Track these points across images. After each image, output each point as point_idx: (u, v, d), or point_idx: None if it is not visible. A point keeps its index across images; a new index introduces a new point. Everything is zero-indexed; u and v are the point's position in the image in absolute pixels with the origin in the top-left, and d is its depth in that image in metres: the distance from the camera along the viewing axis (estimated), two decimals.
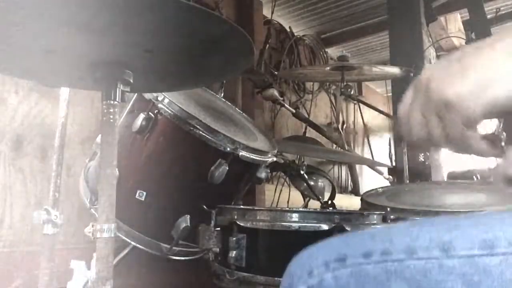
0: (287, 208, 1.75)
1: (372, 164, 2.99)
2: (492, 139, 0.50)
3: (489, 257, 0.42)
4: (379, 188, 1.48)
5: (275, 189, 2.63)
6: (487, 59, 0.46)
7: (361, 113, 3.98)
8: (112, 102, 0.82)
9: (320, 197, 1.78)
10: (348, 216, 1.03)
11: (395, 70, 2.18)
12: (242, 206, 1.26)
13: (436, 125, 0.47)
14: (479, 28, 2.61)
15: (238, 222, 1.06)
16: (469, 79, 0.45)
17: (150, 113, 1.20)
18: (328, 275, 0.50)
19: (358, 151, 4.07)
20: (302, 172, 1.69)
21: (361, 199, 1.35)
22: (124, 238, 1.23)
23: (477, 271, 0.41)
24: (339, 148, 3.24)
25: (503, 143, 0.50)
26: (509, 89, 0.44)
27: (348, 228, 0.98)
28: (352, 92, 2.20)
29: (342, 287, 0.49)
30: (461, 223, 0.47)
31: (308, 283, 0.51)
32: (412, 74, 2.09)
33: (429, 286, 0.43)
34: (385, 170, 2.42)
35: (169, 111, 1.18)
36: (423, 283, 0.44)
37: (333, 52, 3.75)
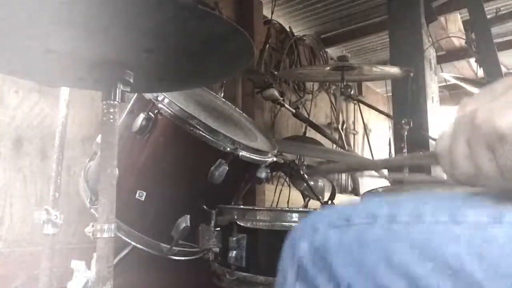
0: (287, 208, 1.75)
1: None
2: None
3: (497, 225, 0.42)
4: (379, 188, 1.47)
5: (275, 189, 2.63)
6: None
7: (361, 113, 3.97)
8: (112, 102, 0.82)
9: (320, 197, 1.78)
10: None
11: (395, 70, 2.18)
12: (242, 206, 1.26)
13: (487, 158, 0.43)
14: (479, 28, 2.61)
15: (238, 222, 1.07)
16: None
17: (150, 113, 1.20)
18: (333, 233, 0.50)
19: (358, 151, 4.07)
20: (302, 172, 1.69)
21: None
22: (124, 238, 1.23)
23: (483, 238, 0.41)
24: (339, 148, 3.23)
25: None
26: None
27: None
28: (352, 92, 2.20)
29: (346, 245, 0.49)
30: (471, 195, 0.47)
31: (312, 239, 0.51)
32: (412, 74, 2.09)
33: (433, 250, 0.43)
34: (385, 170, 2.42)
35: (169, 111, 1.18)
36: (427, 246, 0.44)
37: (333, 52, 3.75)
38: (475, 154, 0.44)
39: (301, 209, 1.40)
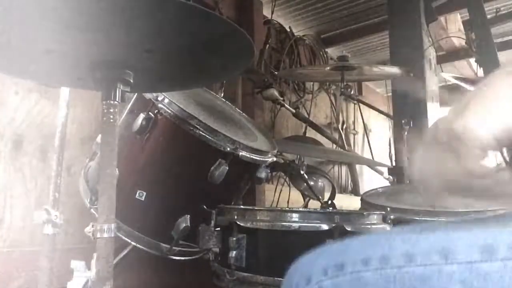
0: (287, 208, 1.75)
1: (372, 164, 2.99)
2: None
3: (489, 262, 0.41)
4: (379, 188, 1.48)
5: (275, 189, 2.63)
6: (488, 94, 0.46)
7: (361, 113, 3.97)
8: (112, 102, 0.82)
9: (320, 197, 1.78)
10: (348, 216, 1.03)
11: (395, 70, 2.18)
12: (242, 206, 1.26)
13: (452, 161, 0.46)
14: (479, 28, 2.61)
15: (238, 222, 1.06)
16: (471, 110, 0.45)
17: (150, 113, 1.20)
18: (327, 283, 0.50)
19: (358, 151, 4.07)
20: (302, 172, 1.69)
21: (361, 199, 1.35)
22: (124, 238, 1.22)
23: (477, 277, 0.41)
24: (339, 148, 3.24)
25: None
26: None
27: (348, 228, 0.98)
28: (352, 92, 2.20)
29: None
30: (460, 228, 0.47)
31: None
32: (412, 74, 2.09)
33: None
34: (385, 170, 2.43)
35: (169, 111, 1.18)
36: None
37: (333, 52, 3.75)
38: (441, 162, 0.47)
39: (301, 209, 1.40)
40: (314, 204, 1.84)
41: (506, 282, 0.40)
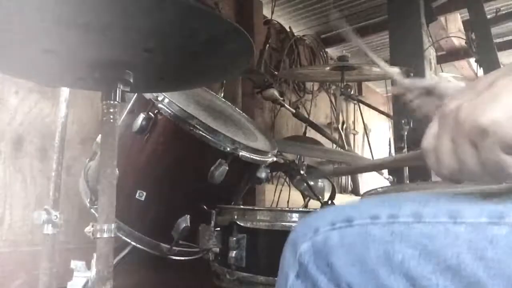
0: (287, 208, 1.75)
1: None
2: None
3: (497, 226, 0.42)
4: (379, 188, 1.47)
5: (275, 189, 2.63)
6: None
7: (361, 113, 3.97)
8: (112, 102, 0.82)
9: (320, 197, 1.78)
10: None
11: (395, 70, 2.17)
12: (242, 206, 1.26)
13: (470, 152, 0.44)
14: (479, 28, 2.61)
15: (238, 222, 1.06)
16: (503, 103, 0.42)
17: (150, 113, 1.20)
18: (334, 233, 0.50)
19: (358, 151, 4.07)
20: (302, 172, 1.69)
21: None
22: (124, 238, 1.23)
23: (484, 239, 0.42)
24: (339, 148, 3.23)
25: None
26: None
27: None
28: (352, 92, 2.20)
29: (347, 245, 0.49)
30: (471, 196, 0.48)
31: (313, 239, 0.51)
32: (412, 74, 2.09)
33: (434, 250, 0.44)
34: (385, 170, 2.42)
35: (169, 111, 1.18)
36: (428, 247, 0.44)
37: (333, 52, 3.75)
38: (458, 149, 0.44)
39: (301, 209, 1.40)
40: (314, 204, 1.84)
41: (511, 246, 0.40)
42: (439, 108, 0.48)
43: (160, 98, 1.18)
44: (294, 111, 2.40)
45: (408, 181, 1.98)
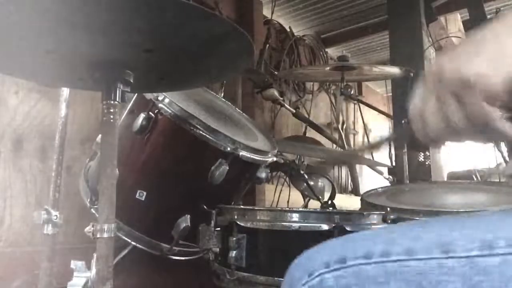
0: (287, 208, 1.75)
1: (372, 164, 2.98)
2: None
3: (489, 257, 0.42)
4: (379, 188, 1.47)
5: (275, 189, 2.63)
6: (500, 32, 0.44)
7: (361, 113, 3.97)
8: (112, 102, 0.82)
9: (320, 197, 1.78)
10: (348, 216, 1.03)
11: (395, 70, 2.18)
12: (242, 206, 1.26)
13: (455, 107, 0.44)
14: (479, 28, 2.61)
15: (238, 222, 1.06)
16: (485, 53, 0.42)
17: (150, 113, 1.20)
18: (329, 276, 0.50)
19: None
20: (302, 172, 1.69)
21: (361, 199, 1.35)
22: (124, 238, 1.23)
23: (478, 272, 0.42)
24: (339, 148, 3.23)
25: None
26: None
27: (348, 228, 0.98)
28: (352, 92, 2.20)
29: (343, 287, 0.49)
30: (460, 224, 0.47)
31: (309, 284, 0.51)
32: (412, 74, 2.09)
33: (429, 287, 0.43)
34: (385, 170, 2.43)
35: (169, 111, 1.18)
36: (423, 283, 0.44)
37: (333, 52, 3.75)
38: (443, 106, 0.44)
39: (301, 209, 1.40)
40: (314, 204, 1.84)
41: (505, 277, 0.40)
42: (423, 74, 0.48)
43: (160, 98, 1.17)
44: (294, 111, 2.40)
45: (408, 181, 1.98)
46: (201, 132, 1.17)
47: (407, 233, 0.49)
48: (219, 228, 1.12)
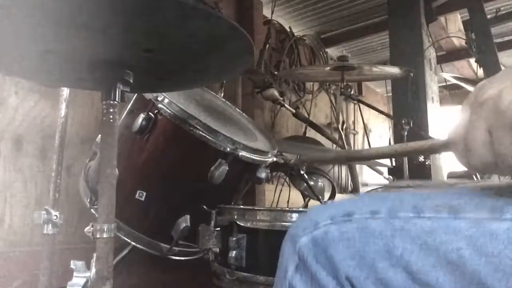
0: (287, 208, 1.75)
1: (372, 164, 2.98)
2: None
3: (497, 221, 0.42)
4: (379, 187, 1.47)
5: (275, 189, 2.63)
6: None
7: (361, 113, 3.97)
8: (112, 102, 0.82)
9: (320, 197, 1.78)
10: None
11: (395, 70, 2.17)
12: (242, 206, 1.26)
13: (509, 142, 0.40)
14: (479, 28, 2.61)
15: (238, 222, 1.06)
16: None
17: (150, 113, 1.20)
18: (334, 227, 0.50)
19: None
20: (302, 172, 1.69)
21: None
22: (124, 238, 1.23)
23: (483, 234, 0.42)
24: (339, 148, 3.23)
25: None
26: None
27: None
28: (352, 92, 2.19)
29: (347, 239, 0.49)
30: (471, 191, 0.48)
31: (313, 234, 0.51)
32: (412, 74, 2.09)
33: (434, 245, 0.44)
34: (385, 170, 2.42)
35: (169, 111, 1.18)
36: (428, 241, 0.44)
37: (333, 52, 3.75)
38: (498, 141, 0.41)
39: (301, 209, 1.40)
40: (314, 204, 1.84)
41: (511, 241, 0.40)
42: (472, 93, 0.44)
43: (160, 98, 1.17)
44: (294, 111, 2.39)
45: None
46: (200, 132, 1.18)
47: (416, 195, 0.49)
48: (219, 228, 1.12)
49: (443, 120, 2.65)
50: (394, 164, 2.30)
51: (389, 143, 2.57)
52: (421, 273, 0.43)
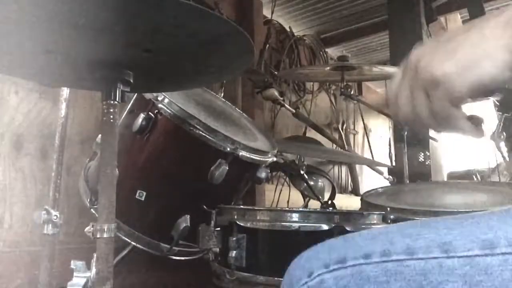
0: (287, 208, 1.75)
1: (372, 164, 2.98)
2: (475, 121, 0.52)
3: (489, 257, 0.42)
4: (379, 188, 1.48)
5: (275, 189, 2.63)
6: (474, 39, 0.47)
7: (361, 113, 3.97)
8: (112, 102, 0.82)
9: (320, 197, 1.78)
10: (348, 216, 1.03)
11: (395, 70, 2.17)
12: (242, 206, 1.26)
13: (422, 101, 0.49)
14: None
15: (238, 222, 1.06)
16: (456, 58, 0.47)
17: (150, 113, 1.20)
18: (328, 276, 0.50)
19: (358, 151, 4.07)
20: (302, 172, 1.69)
21: (361, 199, 1.35)
22: (124, 238, 1.23)
23: (478, 271, 0.41)
24: (339, 148, 3.24)
25: (483, 125, 0.52)
26: (494, 69, 0.46)
27: (348, 228, 0.98)
28: (352, 92, 2.20)
29: (342, 287, 0.49)
30: (461, 223, 0.47)
31: (308, 284, 0.51)
32: None
33: (430, 287, 0.43)
34: (385, 170, 2.42)
35: (169, 111, 1.18)
36: (423, 283, 0.44)
37: (333, 52, 3.75)
38: (414, 97, 0.50)
39: (301, 209, 1.40)
40: (314, 204, 1.84)
41: (506, 276, 0.40)
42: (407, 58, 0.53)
43: (160, 98, 1.17)
44: (294, 111, 2.40)
45: (408, 181, 1.98)
46: (200, 132, 1.18)
47: (407, 233, 0.48)
48: (219, 228, 1.12)
49: None
50: (394, 164, 2.30)
51: (389, 143, 2.57)
52: None
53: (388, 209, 1.10)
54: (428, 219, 0.56)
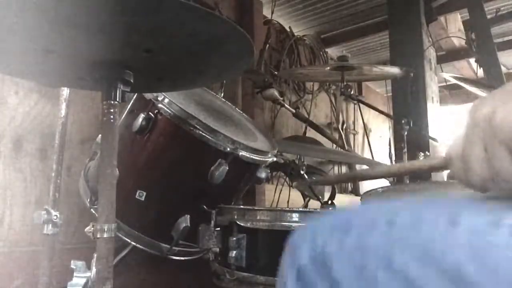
0: (287, 208, 1.75)
1: (372, 164, 2.98)
2: None
3: (496, 229, 0.41)
4: (379, 188, 1.47)
5: (275, 189, 2.63)
6: None
7: (361, 113, 3.97)
8: (112, 102, 0.82)
9: (320, 197, 1.78)
10: None
11: (395, 70, 2.18)
12: (242, 206, 1.26)
13: (507, 160, 0.41)
14: (479, 28, 2.61)
15: (238, 222, 1.07)
16: None
17: (150, 113, 1.20)
18: (333, 238, 0.50)
19: (358, 151, 4.07)
20: (302, 172, 1.69)
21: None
22: (124, 238, 1.23)
23: (484, 243, 0.41)
24: (339, 148, 3.23)
25: None
26: None
27: None
28: (352, 92, 2.20)
29: (346, 249, 0.49)
30: (468, 198, 0.48)
31: (313, 243, 0.51)
32: (412, 74, 2.09)
33: (433, 256, 0.43)
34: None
35: (169, 111, 1.18)
36: (427, 251, 0.43)
37: (333, 52, 3.75)
38: (493, 157, 0.42)
39: (301, 209, 1.40)
40: (314, 204, 1.84)
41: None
42: (468, 112, 0.45)
43: (160, 98, 1.18)
44: (294, 111, 2.39)
45: (408, 181, 1.98)
46: (200, 132, 1.18)
47: (413, 204, 0.49)
48: (219, 228, 1.12)
49: (443, 120, 2.65)
50: (394, 164, 2.30)
51: (389, 143, 2.57)
52: (421, 284, 0.43)
53: None
54: (432, 197, 0.56)
